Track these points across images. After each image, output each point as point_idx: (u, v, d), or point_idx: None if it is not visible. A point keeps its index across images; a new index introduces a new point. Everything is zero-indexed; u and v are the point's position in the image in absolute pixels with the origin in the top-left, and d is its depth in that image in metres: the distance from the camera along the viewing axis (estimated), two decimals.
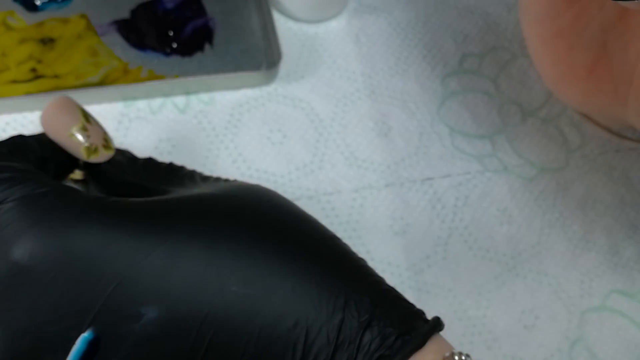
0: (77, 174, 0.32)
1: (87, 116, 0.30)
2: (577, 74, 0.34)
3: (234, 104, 0.41)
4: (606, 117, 0.39)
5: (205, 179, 0.33)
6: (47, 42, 0.40)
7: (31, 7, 0.41)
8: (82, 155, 0.29)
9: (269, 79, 0.41)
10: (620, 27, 0.31)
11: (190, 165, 0.39)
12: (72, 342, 0.23)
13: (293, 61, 0.43)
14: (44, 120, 0.29)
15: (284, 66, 0.42)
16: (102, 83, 0.40)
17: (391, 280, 0.32)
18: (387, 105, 0.43)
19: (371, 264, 0.28)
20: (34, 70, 0.39)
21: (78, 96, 0.38)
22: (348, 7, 0.45)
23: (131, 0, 0.42)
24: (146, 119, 0.39)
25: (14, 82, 0.39)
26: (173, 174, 0.33)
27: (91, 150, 0.29)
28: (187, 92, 0.40)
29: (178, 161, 0.39)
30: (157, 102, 0.40)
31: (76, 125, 0.29)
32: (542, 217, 0.41)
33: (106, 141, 0.30)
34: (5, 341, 0.23)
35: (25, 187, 0.25)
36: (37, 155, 0.29)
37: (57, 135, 0.29)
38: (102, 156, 0.30)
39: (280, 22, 0.43)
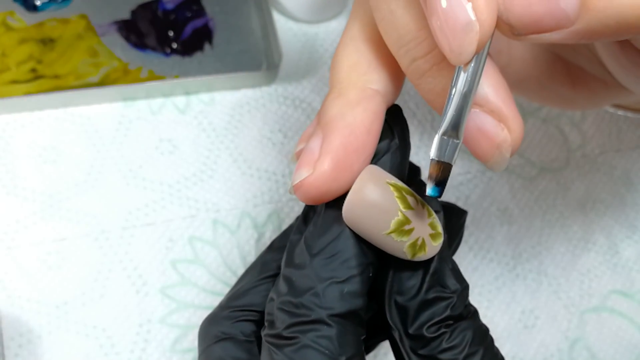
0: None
1: (404, 196, 0.23)
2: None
3: (234, 104, 0.41)
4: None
5: None
6: (47, 42, 0.40)
7: (31, 7, 0.41)
8: (405, 255, 0.23)
9: (269, 80, 0.41)
10: None
11: (190, 165, 0.39)
12: None
13: (293, 61, 0.43)
14: (346, 216, 0.23)
15: (284, 66, 0.42)
16: (102, 83, 0.39)
17: None
18: None
19: None
20: (34, 70, 0.39)
21: (78, 96, 0.38)
22: (348, 7, 0.45)
23: (131, 0, 0.42)
24: (146, 119, 0.39)
25: (14, 82, 0.39)
26: None
27: (417, 247, 0.23)
28: (187, 93, 0.40)
29: (178, 161, 0.39)
30: (157, 102, 0.40)
31: (394, 220, 0.22)
32: (542, 217, 0.41)
33: (433, 226, 0.23)
34: None
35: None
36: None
37: (367, 235, 0.23)
38: (430, 251, 0.23)
39: (280, 22, 0.43)
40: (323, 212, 0.24)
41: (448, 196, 0.41)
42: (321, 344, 0.22)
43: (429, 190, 0.21)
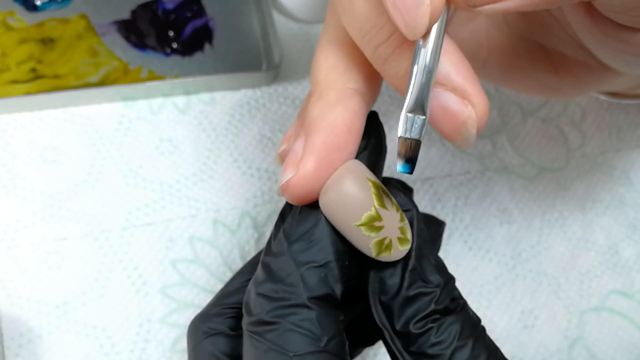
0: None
1: (380, 194, 0.23)
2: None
3: (234, 104, 0.41)
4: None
5: None
6: (47, 42, 0.40)
7: (31, 7, 0.41)
8: (370, 251, 0.23)
9: (269, 80, 0.41)
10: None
11: (190, 165, 0.39)
12: None
13: (293, 61, 0.43)
14: (322, 201, 0.23)
15: (284, 66, 0.42)
16: (102, 83, 0.40)
17: None
18: (387, 105, 0.43)
19: None
20: (34, 70, 0.39)
21: (78, 96, 0.38)
22: None
23: (131, 0, 0.42)
24: (146, 119, 0.39)
25: (14, 82, 0.39)
26: None
27: (383, 246, 0.23)
28: (187, 92, 0.40)
29: (178, 161, 0.39)
30: (157, 102, 0.40)
31: (366, 214, 0.23)
32: (542, 217, 0.41)
33: (402, 231, 0.24)
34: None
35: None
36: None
37: (338, 223, 0.23)
38: (395, 253, 0.24)
39: (281, 22, 0.43)
40: (302, 205, 0.24)
41: (448, 196, 0.41)
42: (303, 327, 0.22)
43: (399, 167, 0.22)
